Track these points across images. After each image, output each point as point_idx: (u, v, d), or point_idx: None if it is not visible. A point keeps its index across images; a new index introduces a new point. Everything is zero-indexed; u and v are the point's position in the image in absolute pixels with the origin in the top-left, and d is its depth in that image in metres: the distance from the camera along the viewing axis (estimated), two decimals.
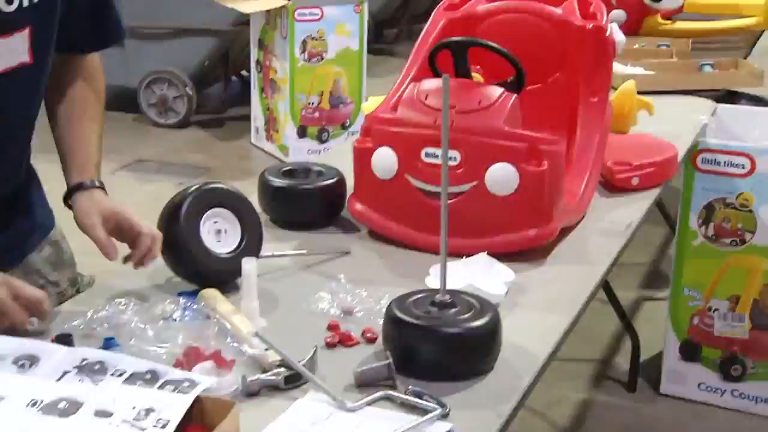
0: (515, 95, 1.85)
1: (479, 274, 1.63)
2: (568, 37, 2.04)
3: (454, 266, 1.58)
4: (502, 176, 1.77)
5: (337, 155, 2.08)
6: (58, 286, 1.77)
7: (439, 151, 1.78)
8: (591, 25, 2.02)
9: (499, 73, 1.97)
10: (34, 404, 1.21)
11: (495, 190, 1.78)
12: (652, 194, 2.17)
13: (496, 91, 1.84)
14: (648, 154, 2.23)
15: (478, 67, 2.07)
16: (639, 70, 2.94)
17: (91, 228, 1.60)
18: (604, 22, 2.05)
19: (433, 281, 1.61)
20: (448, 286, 1.44)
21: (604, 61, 2.06)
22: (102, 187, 1.68)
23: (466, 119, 1.79)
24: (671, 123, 2.56)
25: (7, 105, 1.57)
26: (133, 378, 1.28)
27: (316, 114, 5.05)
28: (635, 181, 2.16)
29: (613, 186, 2.16)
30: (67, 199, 1.66)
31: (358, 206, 1.92)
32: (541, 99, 2.04)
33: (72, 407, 1.21)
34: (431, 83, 1.88)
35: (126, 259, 1.63)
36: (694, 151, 2.71)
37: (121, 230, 1.62)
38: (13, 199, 1.69)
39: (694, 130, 2.65)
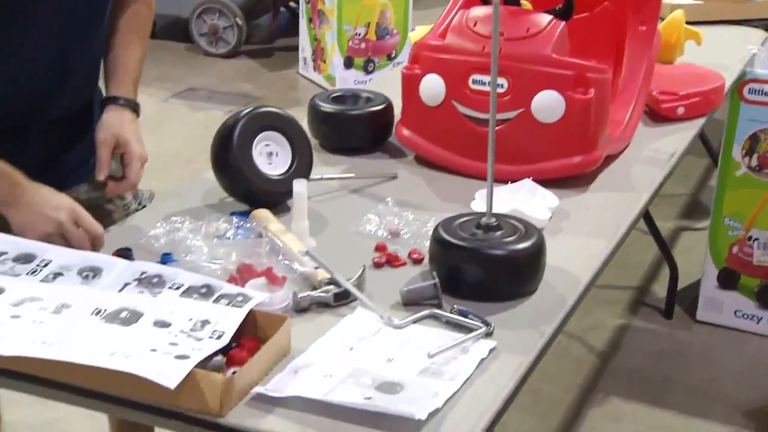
0: (563, 23, 1.81)
1: (524, 200, 1.63)
2: None
3: (500, 191, 1.58)
4: (548, 103, 1.75)
5: (384, 83, 2.06)
6: (124, 199, 1.80)
7: (486, 79, 1.77)
8: None
9: (547, 1, 1.93)
10: (97, 313, 1.25)
11: (541, 118, 1.76)
12: (697, 124, 2.14)
13: (545, 18, 1.81)
14: (694, 83, 2.18)
15: None
16: (688, 0, 2.86)
17: (101, 143, 1.63)
18: None
19: (478, 205, 1.61)
20: (493, 211, 1.43)
21: None
22: (133, 107, 1.69)
23: (514, 46, 1.76)
24: (719, 53, 2.50)
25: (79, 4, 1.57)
26: (189, 291, 1.31)
27: (363, 45, 4.99)
28: (680, 111, 2.12)
29: (658, 115, 2.13)
30: (101, 106, 1.68)
31: (406, 132, 1.91)
32: (589, 27, 2.00)
33: (133, 317, 1.24)
34: (480, 10, 1.85)
35: (103, 184, 1.65)
36: (741, 81, 2.64)
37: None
38: (83, 117, 1.71)
39: (742, 60, 2.58)
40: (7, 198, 1.47)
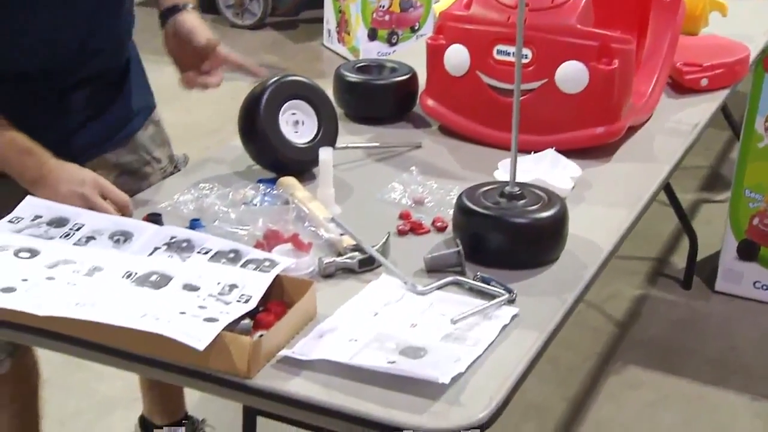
0: None
1: (547, 169, 1.62)
2: None
3: (523, 161, 1.58)
4: (572, 74, 1.74)
5: (407, 55, 2.05)
6: (160, 162, 1.82)
7: (510, 49, 1.76)
8: None
9: None
10: (128, 276, 1.26)
11: (565, 88, 1.75)
12: (720, 96, 2.12)
13: None
14: (718, 55, 2.16)
15: None
16: None
17: (170, 51, 1.66)
18: None
19: (501, 174, 1.61)
20: (516, 180, 1.43)
21: None
22: (194, 8, 1.68)
23: (538, 17, 1.74)
24: (744, 25, 2.46)
25: None
26: (217, 256, 1.31)
27: (387, 17, 4.97)
28: (704, 83, 2.10)
29: (681, 87, 2.11)
30: (163, 20, 1.67)
31: (430, 102, 1.91)
32: None
33: (163, 280, 1.25)
34: None
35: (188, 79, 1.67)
36: (766, 53, 2.60)
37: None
38: (120, 79, 1.71)
39: (766, 32, 2.54)
40: (36, 176, 1.48)
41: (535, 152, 1.67)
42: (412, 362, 1.14)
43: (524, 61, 1.74)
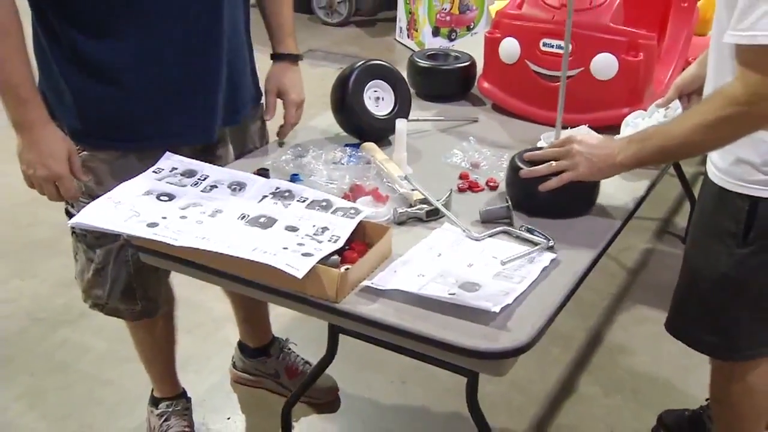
0: None
1: None
2: None
3: (562, 134, 1.51)
4: (604, 64, 1.68)
5: (465, 48, 2.00)
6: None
7: (554, 42, 1.70)
8: None
9: None
10: (242, 217, 1.25)
11: (598, 75, 1.69)
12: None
13: None
14: None
15: None
16: None
17: (267, 92, 1.62)
18: None
19: (543, 145, 1.55)
20: None
21: None
22: (293, 56, 1.63)
23: (578, 16, 1.67)
24: None
25: None
26: (312, 204, 1.30)
27: (448, 18, 4.88)
28: None
29: None
30: (273, 59, 1.64)
31: (486, 85, 1.86)
32: (639, 2, 1.89)
33: (269, 222, 1.24)
34: None
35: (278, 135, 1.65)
36: None
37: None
38: (241, 65, 1.55)
39: None
40: (19, 121, 1.33)
41: (571, 128, 1.61)
42: (469, 294, 1.12)
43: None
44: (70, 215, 1.47)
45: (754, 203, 1.26)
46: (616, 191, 1.46)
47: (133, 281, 1.55)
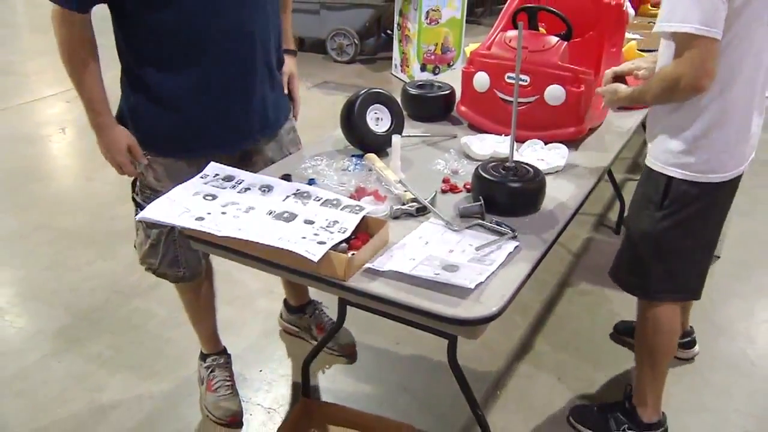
0: (566, 43, 1.70)
1: (546, 153, 1.57)
2: (600, 9, 1.84)
3: (527, 146, 1.48)
4: (555, 93, 1.65)
5: (448, 78, 1.98)
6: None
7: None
8: (614, 2, 1.81)
9: (556, 29, 1.80)
10: (270, 213, 1.23)
11: (550, 102, 1.66)
12: (643, 113, 1.98)
13: (554, 39, 1.71)
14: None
15: (543, 24, 1.90)
16: (637, 36, 2.65)
17: (283, 74, 1.64)
18: (622, 1, 1.84)
19: (471, 147, 1.55)
20: (525, 159, 1.35)
21: (620, 27, 1.86)
22: (293, 51, 1.70)
23: (534, 56, 1.65)
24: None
25: None
26: (326, 202, 1.28)
27: (432, 57, 4.85)
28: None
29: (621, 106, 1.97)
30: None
31: (463, 108, 1.83)
32: (581, 47, 1.87)
33: (291, 217, 1.22)
34: (513, 33, 1.74)
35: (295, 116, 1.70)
36: None
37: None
38: (273, 86, 1.54)
39: None
40: (94, 124, 1.41)
41: (522, 143, 1.60)
42: (450, 274, 1.09)
43: (524, 84, 1.65)
44: (135, 201, 1.57)
45: (669, 180, 1.43)
46: (565, 191, 1.44)
47: (179, 255, 1.61)
